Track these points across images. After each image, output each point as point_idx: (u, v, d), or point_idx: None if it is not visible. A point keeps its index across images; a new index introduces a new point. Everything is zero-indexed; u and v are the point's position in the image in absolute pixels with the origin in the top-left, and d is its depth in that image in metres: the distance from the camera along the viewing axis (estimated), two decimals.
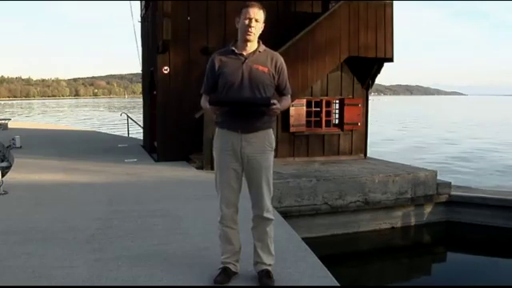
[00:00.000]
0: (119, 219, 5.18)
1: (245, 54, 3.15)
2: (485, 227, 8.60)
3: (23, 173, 8.35)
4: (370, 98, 11.30)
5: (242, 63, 3.14)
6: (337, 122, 10.94)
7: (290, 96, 3.33)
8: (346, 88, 10.80)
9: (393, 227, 8.67)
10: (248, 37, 3.11)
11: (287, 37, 9.48)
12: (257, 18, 3.09)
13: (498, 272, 7.23)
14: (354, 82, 10.85)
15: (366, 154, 11.08)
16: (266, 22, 3.18)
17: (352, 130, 10.86)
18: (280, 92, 3.28)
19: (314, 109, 10.57)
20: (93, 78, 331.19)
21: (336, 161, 10.32)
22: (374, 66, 10.58)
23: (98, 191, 6.80)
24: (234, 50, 3.17)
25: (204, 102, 3.27)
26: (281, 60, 3.23)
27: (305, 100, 10.34)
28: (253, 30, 3.09)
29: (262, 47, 3.21)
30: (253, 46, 3.17)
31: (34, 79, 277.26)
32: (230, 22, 3.20)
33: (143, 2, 12.31)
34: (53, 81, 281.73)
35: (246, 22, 3.08)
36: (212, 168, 3.46)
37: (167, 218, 5.24)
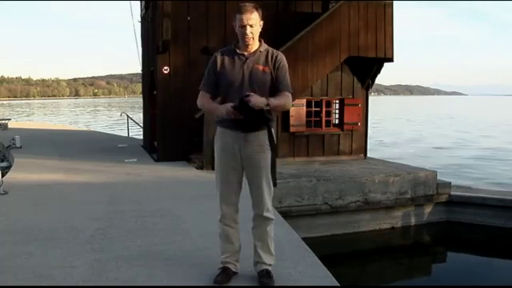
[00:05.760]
0: (119, 219, 5.18)
1: (246, 54, 3.15)
2: (485, 227, 8.60)
3: (23, 173, 8.35)
4: (370, 98, 11.30)
5: (243, 63, 3.13)
6: (337, 122, 10.94)
7: (288, 94, 3.15)
8: (346, 88, 10.80)
9: (393, 227, 8.67)
10: (246, 42, 3.10)
11: (287, 37, 9.48)
12: (250, 23, 3.04)
13: (498, 272, 7.23)
14: (354, 81, 10.85)
15: (366, 154, 11.08)
16: (266, 22, 3.15)
17: (352, 130, 10.86)
18: (276, 87, 3.12)
19: (314, 109, 10.57)
20: (93, 78, 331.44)
21: (336, 161, 10.32)
22: (374, 66, 10.58)
23: (98, 191, 6.80)
24: (235, 50, 3.17)
25: (201, 100, 3.26)
26: (280, 56, 3.18)
27: (305, 100, 10.34)
28: (249, 35, 3.07)
29: (264, 46, 3.19)
30: (254, 45, 3.16)
31: (34, 79, 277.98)
32: (230, 21, 3.19)
33: (143, 2, 12.30)
34: (53, 81, 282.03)
35: (241, 29, 3.06)
36: (212, 168, 3.45)
37: (167, 218, 5.24)
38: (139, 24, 12.89)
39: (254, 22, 3.05)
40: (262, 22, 3.13)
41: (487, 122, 42.48)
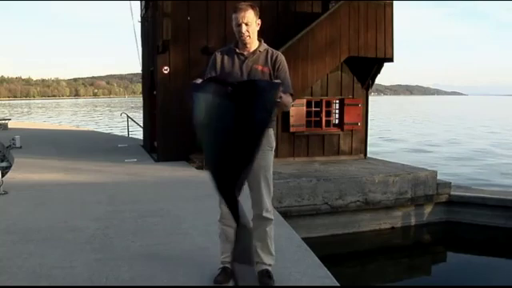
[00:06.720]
0: (119, 219, 5.18)
1: (245, 53, 3.15)
2: (484, 227, 8.60)
3: (23, 173, 8.35)
4: (370, 98, 11.29)
5: (242, 63, 3.13)
6: (337, 122, 10.94)
7: (290, 95, 3.17)
8: (346, 88, 10.80)
9: (393, 227, 8.67)
10: (243, 41, 3.10)
11: (287, 37, 9.47)
12: (246, 21, 3.04)
13: (498, 272, 7.23)
14: (354, 82, 10.85)
15: (365, 154, 11.08)
16: (266, 21, 3.15)
17: (352, 130, 10.86)
18: None
19: (314, 109, 10.57)
20: (93, 78, 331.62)
21: (336, 161, 10.32)
22: (374, 66, 10.59)
23: (98, 191, 6.80)
24: (235, 50, 3.17)
25: None
26: (280, 57, 3.18)
27: (305, 100, 10.34)
28: (245, 33, 3.07)
29: (263, 46, 3.18)
30: (253, 45, 3.15)
31: (34, 79, 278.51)
32: (230, 21, 3.18)
33: (143, 2, 12.31)
34: (53, 81, 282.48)
35: (237, 28, 3.07)
36: None
37: (167, 218, 5.24)
38: (139, 24, 12.90)
39: (249, 20, 3.05)
40: (259, 21, 3.12)
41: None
